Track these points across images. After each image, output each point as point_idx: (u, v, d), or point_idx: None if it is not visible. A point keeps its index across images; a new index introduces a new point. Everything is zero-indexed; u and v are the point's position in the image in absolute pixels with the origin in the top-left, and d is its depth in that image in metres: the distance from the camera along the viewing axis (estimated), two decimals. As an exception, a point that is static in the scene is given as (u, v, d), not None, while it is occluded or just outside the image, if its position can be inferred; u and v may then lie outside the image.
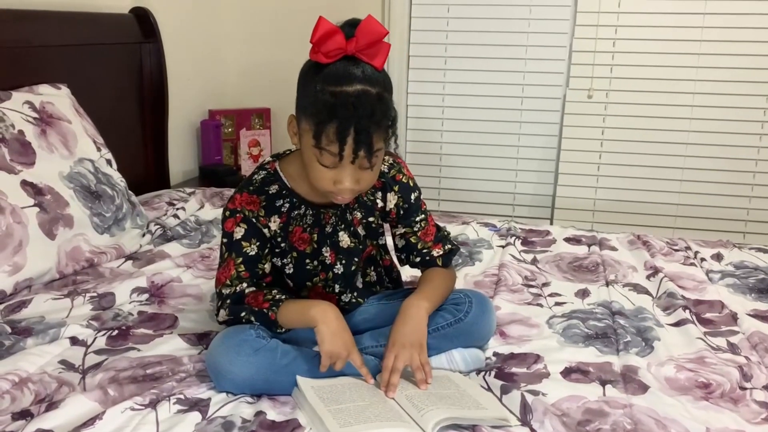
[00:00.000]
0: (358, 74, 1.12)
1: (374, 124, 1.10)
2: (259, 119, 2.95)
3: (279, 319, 1.21)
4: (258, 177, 1.30)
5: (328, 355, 1.15)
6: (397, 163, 1.36)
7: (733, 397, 1.18)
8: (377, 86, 1.13)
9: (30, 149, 1.64)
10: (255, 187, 1.28)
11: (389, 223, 1.39)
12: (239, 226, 1.26)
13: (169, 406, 1.09)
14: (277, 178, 1.29)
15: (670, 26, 2.66)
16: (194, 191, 2.32)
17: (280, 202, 1.28)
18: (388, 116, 1.12)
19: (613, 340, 1.38)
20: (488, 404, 1.13)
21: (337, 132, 1.09)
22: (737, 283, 1.71)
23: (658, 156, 2.79)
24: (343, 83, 1.11)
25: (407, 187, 1.35)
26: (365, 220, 1.34)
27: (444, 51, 2.90)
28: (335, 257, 1.32)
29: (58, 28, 2.02)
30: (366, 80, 1.12)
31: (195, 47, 2.77)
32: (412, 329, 1.21)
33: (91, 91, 2.08)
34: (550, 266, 1.81)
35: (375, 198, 1.34)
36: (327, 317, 1.17)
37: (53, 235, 1.59)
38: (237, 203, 1.27)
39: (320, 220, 1.29)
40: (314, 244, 1.30)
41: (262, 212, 1.27)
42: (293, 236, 1.29)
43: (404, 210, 1.35)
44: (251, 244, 1.26)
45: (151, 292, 1.56)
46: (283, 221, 1.28)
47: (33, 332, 1.32)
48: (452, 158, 3.01)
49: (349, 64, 1.13)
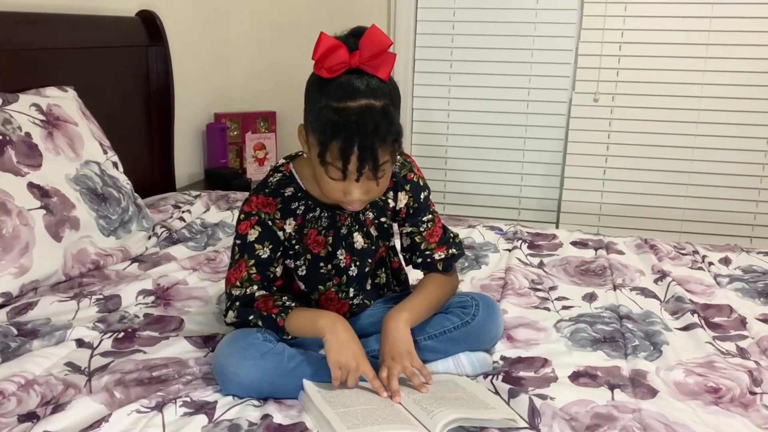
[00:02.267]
0: (362, 88, 1.10)
1: (378, 140, 1.09)
2: (264, 122, 2.95)
3: (287, 327, 1.20)
4: (273, 179, 1.30)
5: (336, 366, 1.14)
6: (408, 162, 1.35)
7: (744, 402, 1.17)
8: (382, 99, 1.11)
9: (37, 151, 1.65)
10: (271, 190, 1.28)
11: (397, 222, 1.39)
12: (254, 229, 1.26)
13: (176, 409, 1.08)
14: (292, 180, 1.29)
15: (676, 30, 2.65)
16: (200, 194, 2.32)
17: (296, 205, 1.28)
18: (392, 131, 1.11)
19: (621, 344, 1.37)
20: (496, 405, 1.12)
21: (341, 150, 1.09)
22: (745, 287, 1.70)
23: (664, 160, 2.78)
24: (347, 99, 1.09)
25: (418, 186, 1.35)
26: (377, 220, 1.34)
27: (450, 55, 2.90)
28: (350, 259, 1.32)
29: (65, 31, 2.02)
30: (371, 94, 1.10)
31: (201, 50, 2.78)
32: (394, 341, 1.20)
33: (98, 94, 2.08)
34: (557, 270, 1.81)
35: (386, 198, 1.33)
36: (335, 328, 1.16)
37: (59, 237, 1.59)
38: (253, 205, 1.27)
39: (335, 222, 1.29)
40: (329, 247, 1.30)
41: (278, 214, 1.27)
42: (308, 239, 1.29)
43: (413, 209, 1.35)
44: (264, 247, 1.26)
45: (157, 295, 1.55)
46: (298, 223, 1.28)
47: (39, 334, 1.32)
48: (458, 162, 3.00)
49: (353, 77, 1.11)
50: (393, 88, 1.16)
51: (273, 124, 2.97)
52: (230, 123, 2.87)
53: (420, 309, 1.28)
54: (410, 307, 1.27)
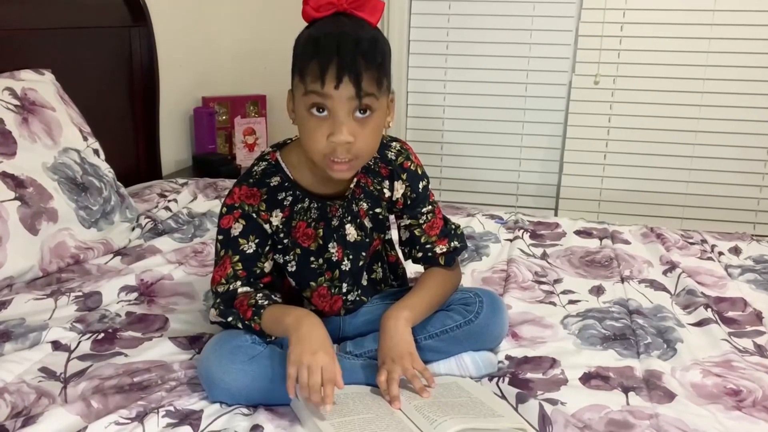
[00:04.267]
0: (349, 22, 1.04)
1: (361, 53, 1.01)
2: (254, 107, 2.86)
3: (264, 328, 1.11)
4: (258, 168, 1.20)
5: (291, 364, 1.02)
6: (405, 149, 1.27)
7: (767, 405, 1.10)
8: (368, 32, 1.05)
9: (10, 139, 1.55)
10: (255, 180, 1.19)
11: (395, 214, 1.30)
12: (237, 222, 1.17)
13: (158, 420, 1.00)
14: (278, 168, 1.19)
15: (679, 9, 2.57)
16: (187, 182, 2.22)
17: (283, 195, 1.18)
18: (378, 52, 1.04)
19: (633, 342, 1.30)
20: (504, 412, 1.05)
21: (319, 62, 1.01)
22: (758, 278, 1.62)
23: (666, 144, 2.70)
24: (331, 29, 1.03)
25: (415, 175, 1.26)
26: (372, 211, 1.25)
27: (446, 35, 2.80)
28: (342, 253, 1.23)
29: (42, 10, 1.91)
30: (357, 27, 1.04)
31: (187, 31, 2.66)
32: (394, 343, 1.12)
33: (77, 77, 1.98)
34: (561, 261, 1.73)
35: (382, 187, 1.24)
36: (299, 325, 1.06)
37: (36, 230, 1.50)
38: (236, 197, 1.18)
39: (326, 213, 1.20)
40: (319, 240, 1.21)
41: (263, 206, 1.18)
42: (297, 231, 1.20)
43: (411, 200, 1.26)
44: (249, 242, 1.17)
45: (140, 291, 1.47)
46: (285, 215, 1.19)
47: (12, 336, 1.23)
48: (454, 146, 2.91)
49: (341, 16, 1.06)
50: (382, 35, 1.09)
51: (263, 108, 2.87)
52: (218, 107, 2.77)
53: (421, 307, 1.20)
54: (410, 304, 1.18)
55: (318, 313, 1.16)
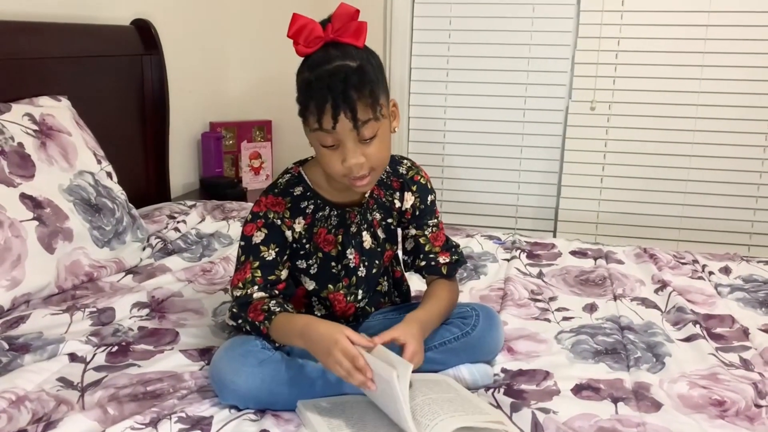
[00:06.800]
0: (337, 54, 1.13)
1: (351, 87, 1.09)
2: (260, 131, 2.94)
3: (272, 334, 1.19)
4: (283, 180, 1.31)
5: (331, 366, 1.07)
6: (416, 166, 1.37)
7: (749, 415, 1.15)
8: (357, 60, 1.13)
9: (29, 162, 1.62)
10: (280, 189, 1.29)
11: (402, 225, 1.38)
12: (259, 231, 1.26)
13: (171, 425, 1.06)
14: (301, 180, 1.29)
15: (673, 38, 2.65)
16: (195, 204, 2.29)
17: (305, 204, 1.28)
18: (366, 80, 1.11)
19: (624, 356, 1.35)
20: (489, 410, 1.11)
21: (317, 104, 1.10)
22: (747, 297, 1.68)
23: (661, 168, 2.77)
24: (323, 64, 1.12)
25: (425, 188, 1.36)
26: (384, 221, 1.34)
27: (446, 63, 2.89)
28: (359, 259, 1.31)
29: (59, 39, 2.00)
30: (345, 57, 1.12)
31: (196, 59, 2.76)
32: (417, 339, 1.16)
33: (92, 103, 2.06)
34: (557, 280, 1.79)
35: (393, 198, 1.34)
36: (310, 336, 1.11)
37: (52, 248, 1.56)
38: (262, 205, 1.27)
39: (345, 221, 1.29)
40: (339, 246, 1.29)
41: (288, 213, 1.27)
42: (318, 237, 1.29)
43: (420, 210, 1.36)
44: (269, 249, 1.25)
45: (151, 307, 1.53)
46: (307, 222, 1.28)
47: (31, 348, 1.29)
48: (454, 170, 2.99)
49: (330, 47, 1.14)
50: (370, 53, 1.17)
51: (269, 133, 2.95)
52: (226, 132, 2.85)
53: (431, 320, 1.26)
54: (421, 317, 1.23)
55: (327, 318, 1.23)
